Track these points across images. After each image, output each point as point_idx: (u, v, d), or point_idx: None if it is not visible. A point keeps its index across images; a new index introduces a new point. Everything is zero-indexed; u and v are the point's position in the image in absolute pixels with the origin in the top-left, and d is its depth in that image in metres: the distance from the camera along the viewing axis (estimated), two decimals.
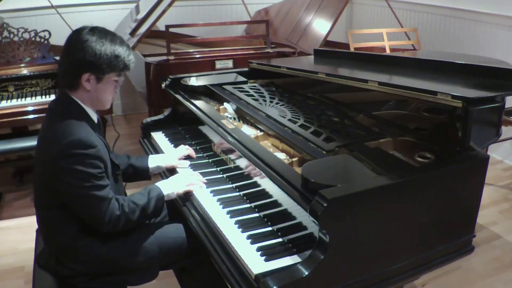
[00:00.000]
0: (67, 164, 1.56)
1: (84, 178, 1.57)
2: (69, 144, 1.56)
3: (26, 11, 4.34)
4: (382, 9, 5.07)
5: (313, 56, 2.79)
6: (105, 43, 1.63)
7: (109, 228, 1.64)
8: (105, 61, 1.62)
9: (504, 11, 3.73)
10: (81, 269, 1.69)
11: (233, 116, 2.23)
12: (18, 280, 2.57)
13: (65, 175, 1.57)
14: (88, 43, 1.61)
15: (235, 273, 1.47)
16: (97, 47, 1.61)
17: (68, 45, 1.65)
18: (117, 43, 1.66)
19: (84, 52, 1.60)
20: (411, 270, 1.58)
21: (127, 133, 4.59)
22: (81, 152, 1.56)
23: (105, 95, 1.71)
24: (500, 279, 2.58)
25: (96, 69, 1.63)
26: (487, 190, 3.50)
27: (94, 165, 1.59)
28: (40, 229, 1.78)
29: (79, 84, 1.65)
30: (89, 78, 1.64)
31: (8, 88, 3.23)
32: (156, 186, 1.82)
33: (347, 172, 1.54)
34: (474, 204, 1.69)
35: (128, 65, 1.70)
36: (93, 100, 1.70)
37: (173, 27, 3.61)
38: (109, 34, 1.67)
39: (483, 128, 1.79)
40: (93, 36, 1.62)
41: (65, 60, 1.65)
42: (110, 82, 1.69)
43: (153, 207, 1.75)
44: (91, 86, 1.66)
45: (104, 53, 1.62)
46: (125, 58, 1.68)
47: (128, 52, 1.70)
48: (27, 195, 3.45)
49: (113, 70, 1.66)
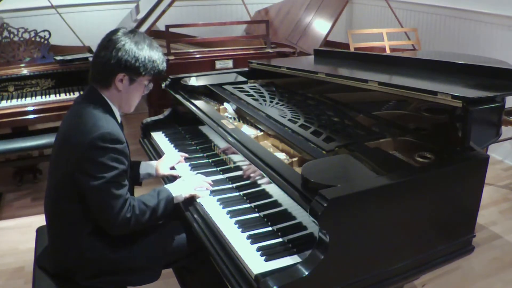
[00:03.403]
0: (95, 155, 1.57)
1: (107, 172, 1.58)
2: (100, 137, 1.58)
3: (26, 11, 4.34)
4: (382, 9, 5.07)
5: (313, 56, 2.79)
6: (144, 47, 1.68)
7: (118, 229, 1.64)
8: (142, 64, 1.67)
9: (504, 11, 3.73)
10: (82, 267, 1.69)
11: (233, 116, 2.23)
12: (18, 280, 2.57)
13: (91, 166, 1.58)
14: (128, 45, 1.65)
15: (235, 273, 1.47)
16: (136, 50, 1.66)
17: (106, 43, 1.68)
18: (154, 49, 1.72)
19: (123, 52, 1.64)
20: (411, 270, 1.58)
21: (127, 133, 4.52)
22: (110, 146, 1.59)
23: (133, 98, 1.76)
24: (500, 279, 2.58)
25: (131, 70, 1.67)
26: (487, 190, 3.50)
27: (120, 161, 1.61)
28: (48, 224, 1.76)
29: (111, 83, 1.68)
30: (123, 78, 1.68)
31: (8, 88, 3.23)
32: (165, 188, 1.82)
33: (347, 172, 1.54)
34: (474, 204, 1.69)
35: (162, 71, 1.75)
36: (121, 100, 1.74)
37: (173, 27, 3.61)
38: (147, 39, 1.72)
39: (483, 128, 1.79)
40: (133, 38, 1.67)
41: (101, 58, 1.67)
42: (141, 85, 1.74)
43: (163, 209, 1.75)
44: (123, 87, 1.70)
45: (142, 56, 1.66)
46: (160, 64, 1.73)
47: (163, 59, 1.75)
48: (27, 195, 3.45)
49: (147, 74, 1.70)
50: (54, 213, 1.73)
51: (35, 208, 3.23)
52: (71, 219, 1.67)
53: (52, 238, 1.75)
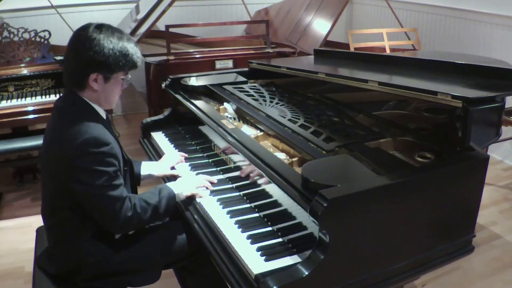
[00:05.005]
0: (83, 163, 1.53)
1: (99, 177, 1.55)
2: (84, 143, 1.53)
3: (26, 11, 4.34)
4: (382, 9, 5.07)
5: (313, 56, 2.79)
6: (113, 41, 1.57)
7: (122, 229, 1.63)
8: (113, 60, 1.58)
9: (504, 11, 3.73)
10: (82, 270, 1.68)
11: (233, 116, 2.23)
12: (18, 280, 2.57)
13: (81, 174, 1.54)
14: (96, 42, 1.55)
15: (235, 273, 1.47)
16: (105, 46, 1.55)
17: (74, 44, 1.60)
18: (124, 41, 1.61)
19: (92, 51, 1.55)
20: (411, 270, 1.58)
21: (127, 133, 4.59)
22: (96, 150, 1.54)
23: (112, 95, 1.68)
24: (500, 279, 2.58)
25: (104, 68, 1.58)
26: (487, 190, 3.50)
27: (110, 163, 1.57)
28: (47, 229, 1.75)
29: (86, 84, 1.61)
30: (97, 78, 1.60)
31: (8, 88, 3.23)
32: (166, 185, 1.80)
33: (347, 172, 1.54)
34: (474, 204, 1.69)
35: (137, 63, 1.65)
36: (100, 99, 1.66)
37: (173, 27, 3.61)
38: (116, 31, 1.61)
39: (483, 128, 1.79)
40: (100, 34, 1.57)
41: (71, 59, 1.60)
42: (118, 81, 1.65)
43: (165, 206, 1.72)
44: (99, 86, 1.62)
45: (112, 52, 1.57)
46: (133, 56, 1.62)
47: (136, 49, 1.65)
48: (27, 195, 3.45)
49: (121, 69, 1.62)
50: (52, 221, 1.71)
51: (35, 208, 3.23)
52: (70, 226, 1.66)
53: (52, 243, 1.74)
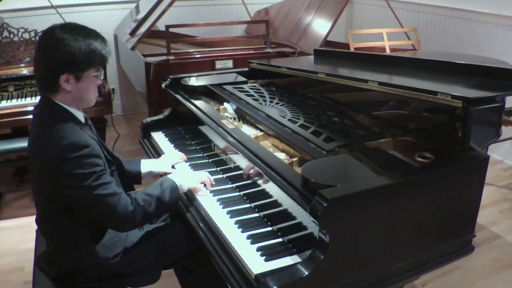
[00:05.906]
0: (67, 169, 1.51)
1: (86, 179, 1.53)
2: (63, 149, 1.51)
3: (26, 11, 4.34)
4: (382, 9, 5.07)
5: (313, 56, 2.78)
6: (79, 39, 1.54)
7: (128, 225, 1.61)
8: (82, 58, 1.54)
9: (504, 11, 3.73)
10: (82, 272, 1.68)
11: (233, 116, 2.23)
12: (18, 280, 2.57)
13: (68, 180, 1.53)
14: (62, 42, 1.52)
15: (235, 273, 1.47)
16: (71, 45, 1.52)
17: (40, 47, 1.57)
18: (91, 38, 1.57)
19: (58, 52, 1.52)
20: (411, 270, 1.58)
21: (127, 133, 4.59)
22: (77, 154, 1.51)
23: (88, 93, 1.63)
24: (500, 279, 2.58)
25: (73, 68, 1.55)
26: (487, 190, 3.50)
27: (93, 164, 1.55)
28: (44, 235, 1.75)
29: (58, 87, 1.57)
30: (68, 78, 1.56)
31: (8, 88, 3.23)
32: (167, 177, 1.79)
33: (347, 172, 1.54)
34: (474, 204, 1.69)
35: (106, 58, 1.61)
36: (76, 100, 1.63)
37: (173, 27, 3.61)
38: (82, 29, 1.58)
39: (483, 128, 1.79)
40: (65, 34, 1.53)
41: (39, 63, 1.57)
42: (90, 78, 1.60)
43: (169, 197, 1.71)
44: (72, 87, 1.58)
45: (79, 50, 1.53)
46: (101, 51, 1.58)
47: (104, 44, 1.60)
48: (27, 195, 3.45)
49: (91, 66, 1.58)
50: (47, 228, 1.70)
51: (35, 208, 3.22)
52: (67, 231, 1.66)
53: (50, 248, 1.73)
